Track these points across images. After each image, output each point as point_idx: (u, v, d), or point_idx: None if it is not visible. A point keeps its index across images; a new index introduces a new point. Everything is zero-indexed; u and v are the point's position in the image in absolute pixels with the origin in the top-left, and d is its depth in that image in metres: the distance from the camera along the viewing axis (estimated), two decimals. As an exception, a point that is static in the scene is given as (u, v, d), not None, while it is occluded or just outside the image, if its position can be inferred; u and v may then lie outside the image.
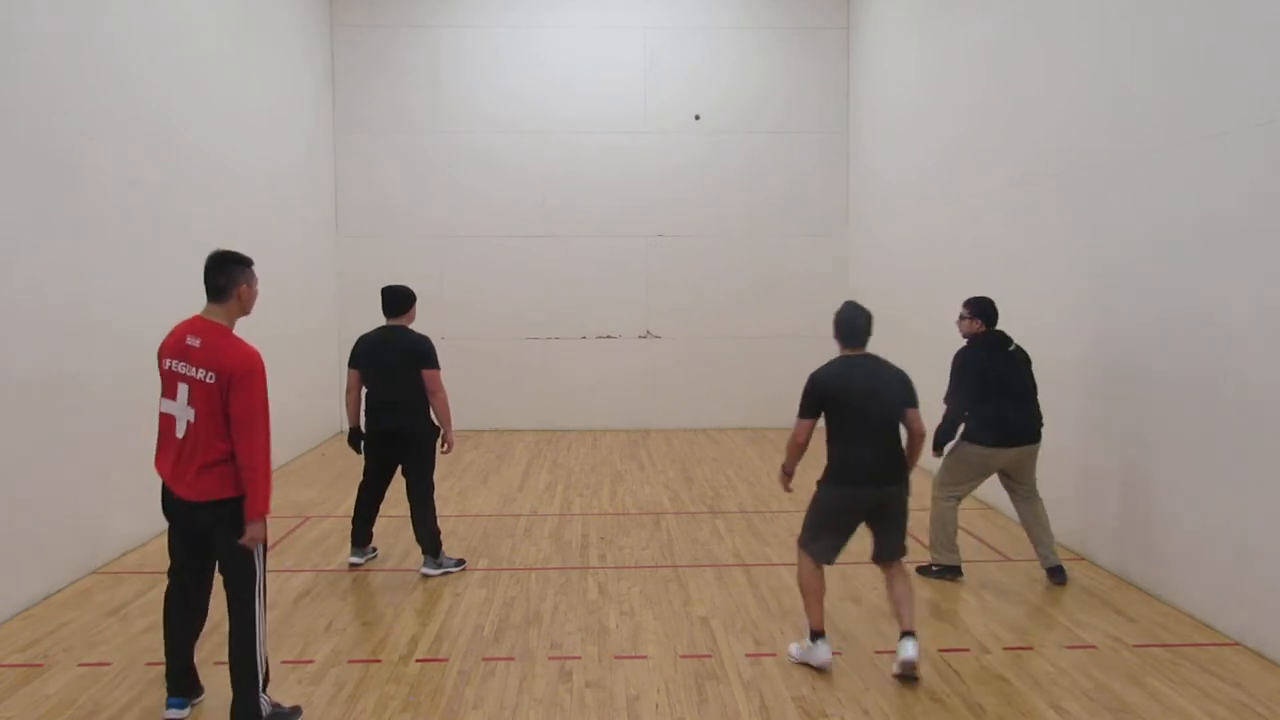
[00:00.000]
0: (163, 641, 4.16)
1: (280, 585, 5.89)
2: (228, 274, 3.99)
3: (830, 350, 4.89)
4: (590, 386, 12.37)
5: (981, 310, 5.98)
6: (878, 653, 4.79)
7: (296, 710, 4.13)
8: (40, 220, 5.71)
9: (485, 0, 12.15)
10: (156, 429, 4.13)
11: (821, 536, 4.64)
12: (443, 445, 6.17)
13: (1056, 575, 5.82)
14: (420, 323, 6.39)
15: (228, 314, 4.01)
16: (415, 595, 5.74)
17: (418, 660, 4.74)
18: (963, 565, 5.98)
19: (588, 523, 7.51)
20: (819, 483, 4.71)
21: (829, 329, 4.85)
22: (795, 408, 4.71)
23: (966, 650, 4.82)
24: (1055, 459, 6.74)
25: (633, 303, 12.40)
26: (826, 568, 4.72)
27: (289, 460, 10.07)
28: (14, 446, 5.39)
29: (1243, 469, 4.84)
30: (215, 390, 3.80)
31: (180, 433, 3.90)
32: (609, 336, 12.44)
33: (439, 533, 6.17)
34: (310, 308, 10.92)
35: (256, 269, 4.16)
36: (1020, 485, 5.92)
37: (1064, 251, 6.65)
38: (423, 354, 6.04)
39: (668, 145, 12.29)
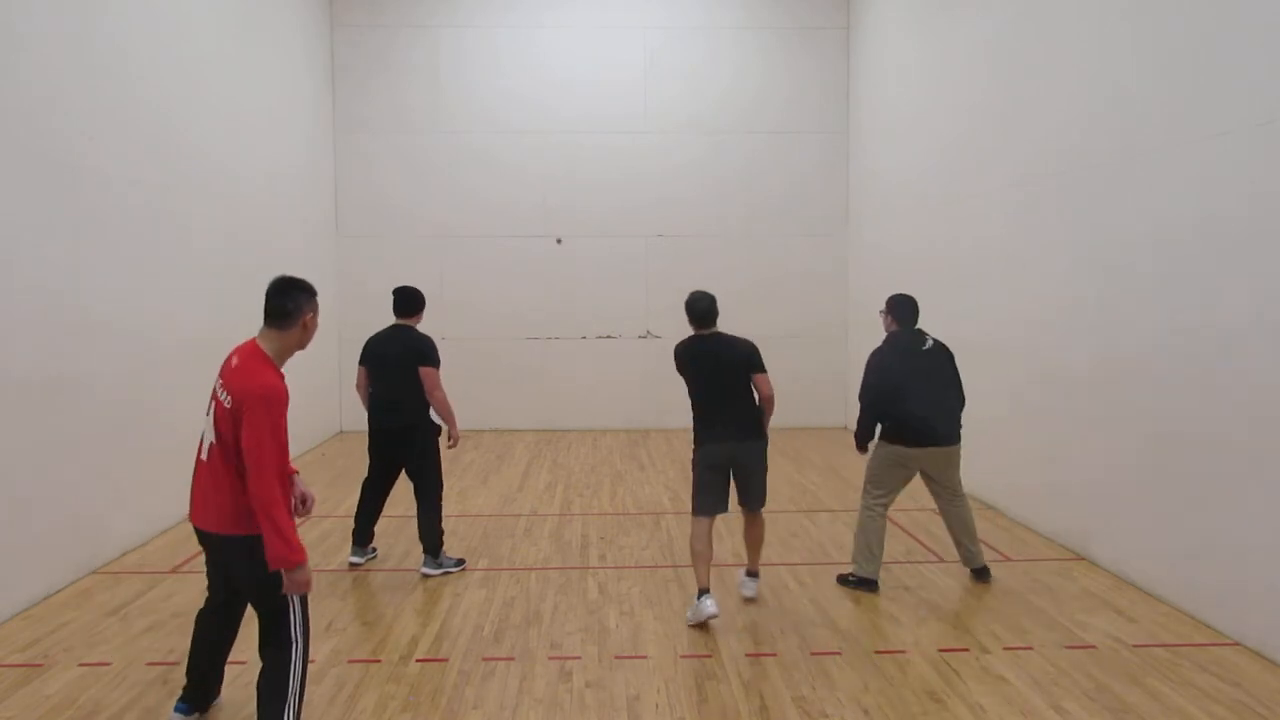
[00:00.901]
0: (188, 651, 4.05)
1: (280, 585, 5.88)
2: (295, 300, 3.72)
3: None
4: (590, 386, 12.37)
5: (894, 308, 5.84)
6: (878, 652, 4.79)
7: None
8: (40, 220, 5.71)
9: (485, 0, 12.15)
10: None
11: (701, 492, 5.29)
12: (449, 441, 6.20)
13: (981, 575, 5.83)
14: (420, 323, 6.39)
15: (283, 341, 3.72)
16: (415, 595, 5.74)
17: (418, 660, 4.74)
18: (880, 581, 5.73)
19: (588, 523, 7.51)
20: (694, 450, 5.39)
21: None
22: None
23: (966, 650, 4.82)
24: (1055, 458, 6.75)
25: (633, 303, 12.40)
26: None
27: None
28: (14, 446, 5.39)
29: (1243, 469, 4.84)
30: (230, 416, 3.50)
31: (204, 455, 3.65)
32: (609, 336, 12.44)
33: (442, 533, 6.17)
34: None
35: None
36: (941, 488, 5.77)
37: (1064, 251, 6.65)
38: (422, 352, 6.07)
39: (668, 145, 12.29)
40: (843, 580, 5.85)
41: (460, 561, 6.27)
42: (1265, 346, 4.67)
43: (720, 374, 5.29)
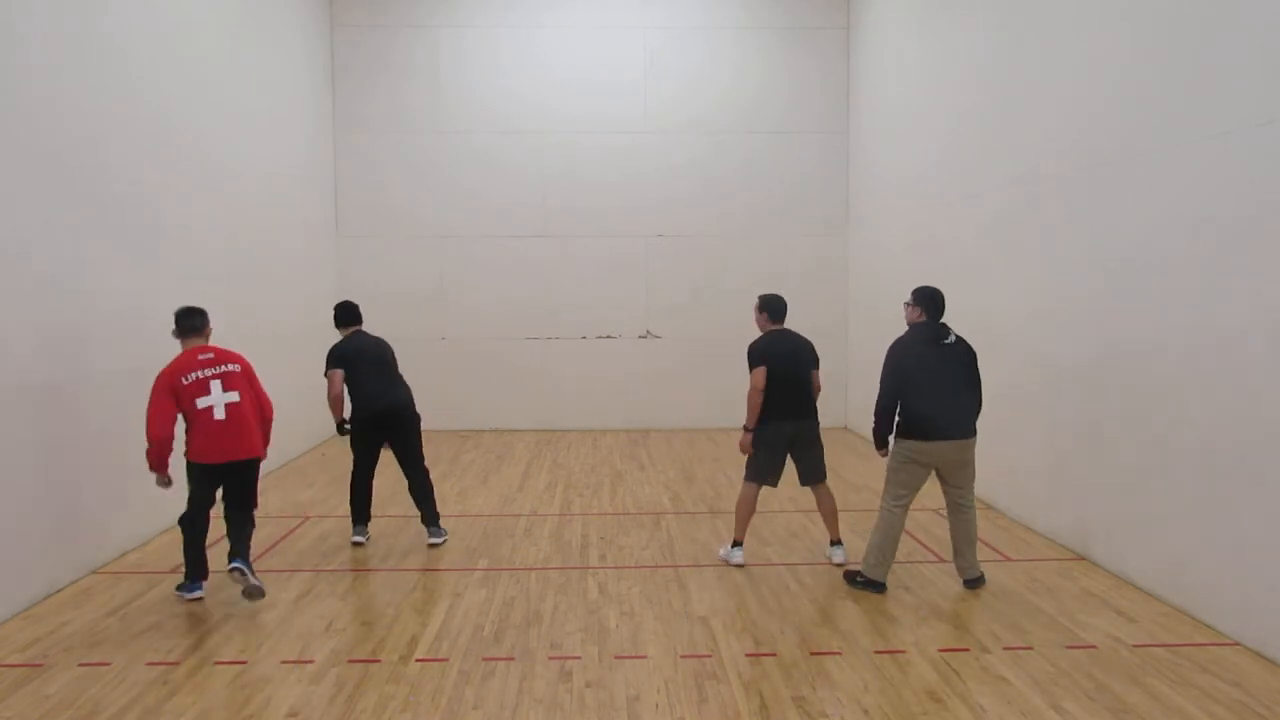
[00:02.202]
0: (186, 546, 5.58)
1: (280, 585, 5.89)
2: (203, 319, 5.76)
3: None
4: (590, 386, 12.37)
5: (924, 299, 5.77)
6: (878, 652, 4.79)
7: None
8: (41, 220, 5.71)
9: (485, 0, 12.15)
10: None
11: (761, 463, 6.19)
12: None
13: (972, 584, 5.76)
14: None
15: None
16: (415, 595, 5.74)
17: (418, 660, 4.74)
18: (887, 583, 5.72)
19: (588, 523, 7.51)
20: (756, 427, 6.16)
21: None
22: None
23: (966, 650, 4.82)
24: (1055, 458, 6.75)
25: (633, 303, 12.41)
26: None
27: (289, 460, 10.08)
28: (14, 446, 5.39)
29: (1243, 469, 4.84)
30: (244, 378, 5.65)
31: (223, 414, 5.44)
32: (609, 336, 12.44)
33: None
34: (310, 308, 10.90)
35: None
36: (956, 489, 5.70)
37: (1064, 251, 6.65)
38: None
39: (668, 145, 12.29)
40: (850, 579, 5.83)
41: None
42: (1265, 346, 4.67)
43: (797, 364, 6.16)
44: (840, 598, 5.61)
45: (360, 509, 6.85)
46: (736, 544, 6.27)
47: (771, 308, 6.34)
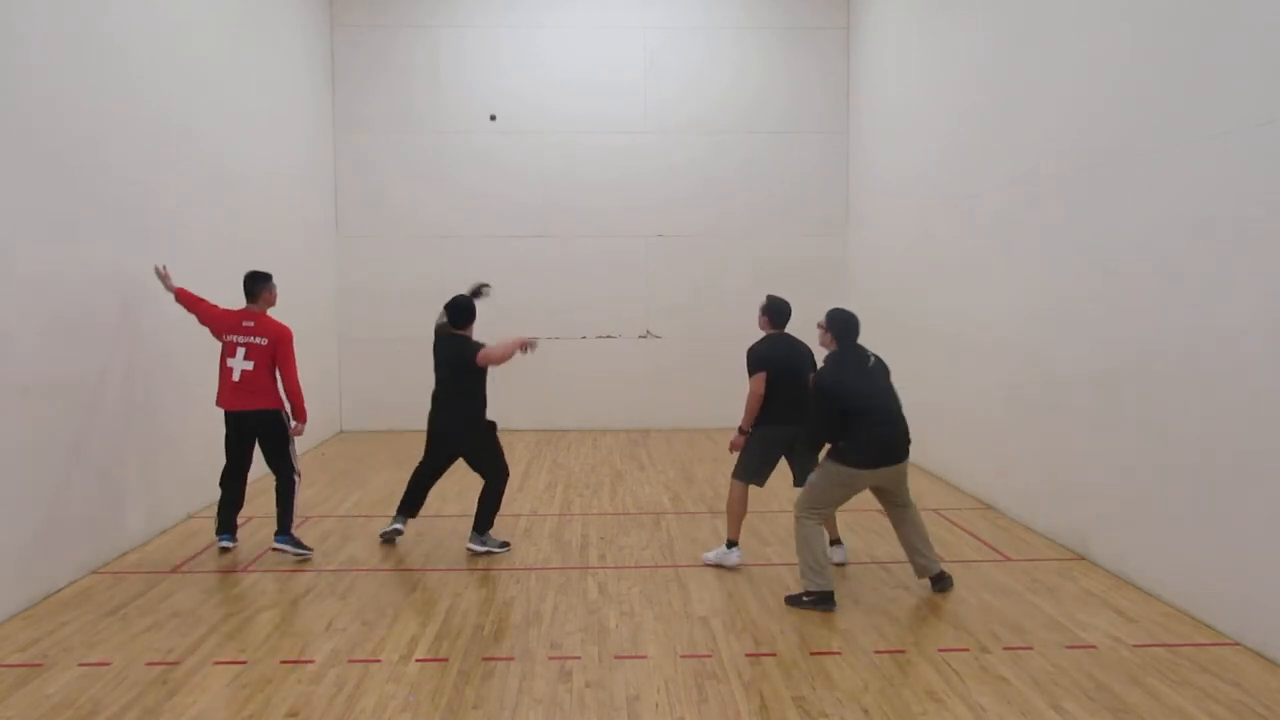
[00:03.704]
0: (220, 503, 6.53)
1: (280, 585, 5.89)
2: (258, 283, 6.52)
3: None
4: (590, 386, 12.37)
5: (837, 324, 5.63)
6: (877, 652, 4.79)
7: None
8: (41, 220, 5.70)
9: (485, 0, 12.14)
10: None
11: (753, 463, 6.18)
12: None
13: (941, 582, 5.61)
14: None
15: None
16: (415, 595, 5.74)
17: (418, 660, 4.74)
18: (834, 593, 5.46)
19: (588, 523, 7.51)
20: (753, 429, 6.18)
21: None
22: None
23: (966, 650, 4.82)
24: (1055, 458, 6.75)
25: (633, 303, 12.40)
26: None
27: (289, 460, 10.07)
28: (14, 446, 5.38)
29: (1243, 469, 4.84)
30: (269, 350, 6.39)
31: (238, 377, 6.35)
32: (609, 336, 12.44)
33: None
34: (310, 308, 10.91)
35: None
36: (894, 497, 5.64)
37: (1064, 251, 6.65)
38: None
39: (668, 145, 12.29)
40: (794, 601, 5.48)
41: (505, 544, 6.70)
42: (1265, 346, 4.67)
43: (797, 369, 6.09)
44: (841, 598, 5.60)
45: (417, 497, 6.88)
46: (732, 544, 6.21)
47: (775, 312, 6.30)
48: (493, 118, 12.09)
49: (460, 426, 6.61)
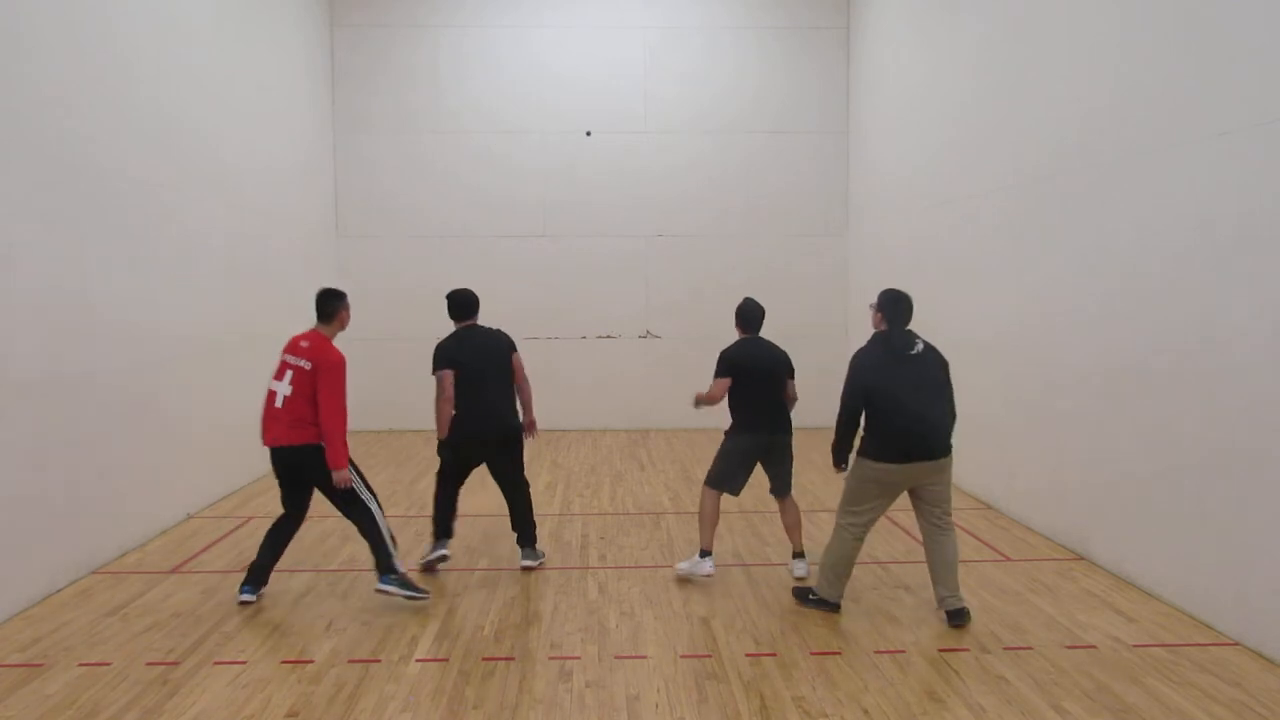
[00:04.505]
0: (261, 549, 5.67)
1: (280, 585, 5.89)
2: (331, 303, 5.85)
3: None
4: (590, 386, 12.37)
5: (887, 304, 5.22)
6: (878, 652, 4.79)
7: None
8: (42, 220, 5.70)
9: (485, 0, 12.15)
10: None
11: (726, 470, 5.96)
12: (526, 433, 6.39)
13: (958, 618, 5.10)
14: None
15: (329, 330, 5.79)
16: (415, 595, 5.74)
17: (418, 660, 4.74)
18: (842, 603, 5.38)
19: (588, 523, 7.51)
20: (726, 437, 5.99)
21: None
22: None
23: (966, 650, 4.82)
24: (1055, 458, 6.75)
25: (633, 303, 12.40)
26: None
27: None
28: (14, 445, 5.38)
29: (1243, 468, 4.84)
30: (310, 376, 5.48)
31: (279, 403, 5.56)
32: (609, 336, 12.44)
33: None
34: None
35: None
36: (932, 509, 5.18)
37: (1063, 251, 6.65)
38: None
39: (668, 145, 12.29)
40: (802, 596, 5.48)
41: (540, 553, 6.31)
42: (1265, 346, 4.67)
43: (768, 374, 5.91)
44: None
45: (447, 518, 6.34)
46: (705, 553, 5.90)
47: (742, 315, 6.08)
48: (588, 134, 12.12)
49: (503, 428, 6.13)
